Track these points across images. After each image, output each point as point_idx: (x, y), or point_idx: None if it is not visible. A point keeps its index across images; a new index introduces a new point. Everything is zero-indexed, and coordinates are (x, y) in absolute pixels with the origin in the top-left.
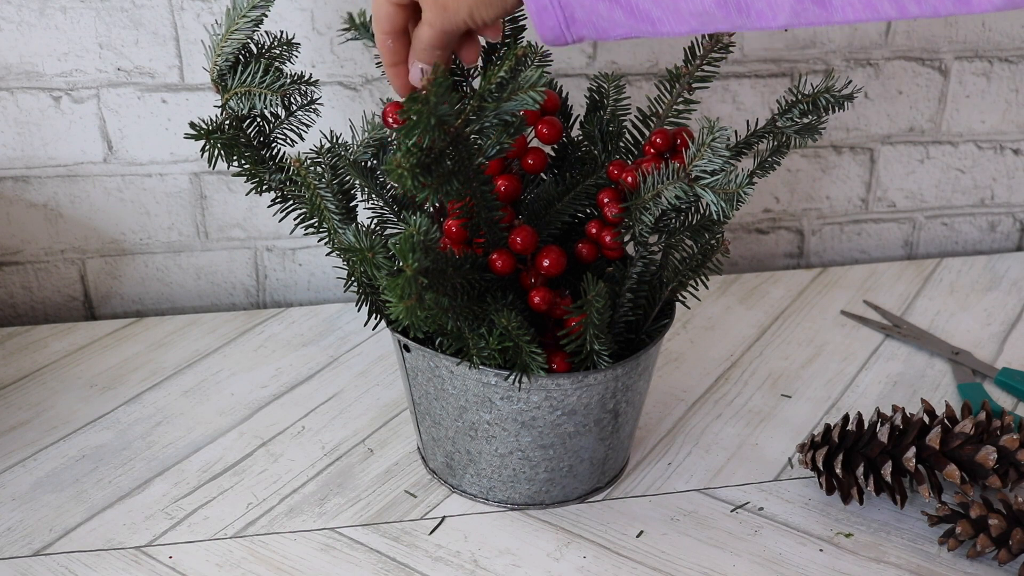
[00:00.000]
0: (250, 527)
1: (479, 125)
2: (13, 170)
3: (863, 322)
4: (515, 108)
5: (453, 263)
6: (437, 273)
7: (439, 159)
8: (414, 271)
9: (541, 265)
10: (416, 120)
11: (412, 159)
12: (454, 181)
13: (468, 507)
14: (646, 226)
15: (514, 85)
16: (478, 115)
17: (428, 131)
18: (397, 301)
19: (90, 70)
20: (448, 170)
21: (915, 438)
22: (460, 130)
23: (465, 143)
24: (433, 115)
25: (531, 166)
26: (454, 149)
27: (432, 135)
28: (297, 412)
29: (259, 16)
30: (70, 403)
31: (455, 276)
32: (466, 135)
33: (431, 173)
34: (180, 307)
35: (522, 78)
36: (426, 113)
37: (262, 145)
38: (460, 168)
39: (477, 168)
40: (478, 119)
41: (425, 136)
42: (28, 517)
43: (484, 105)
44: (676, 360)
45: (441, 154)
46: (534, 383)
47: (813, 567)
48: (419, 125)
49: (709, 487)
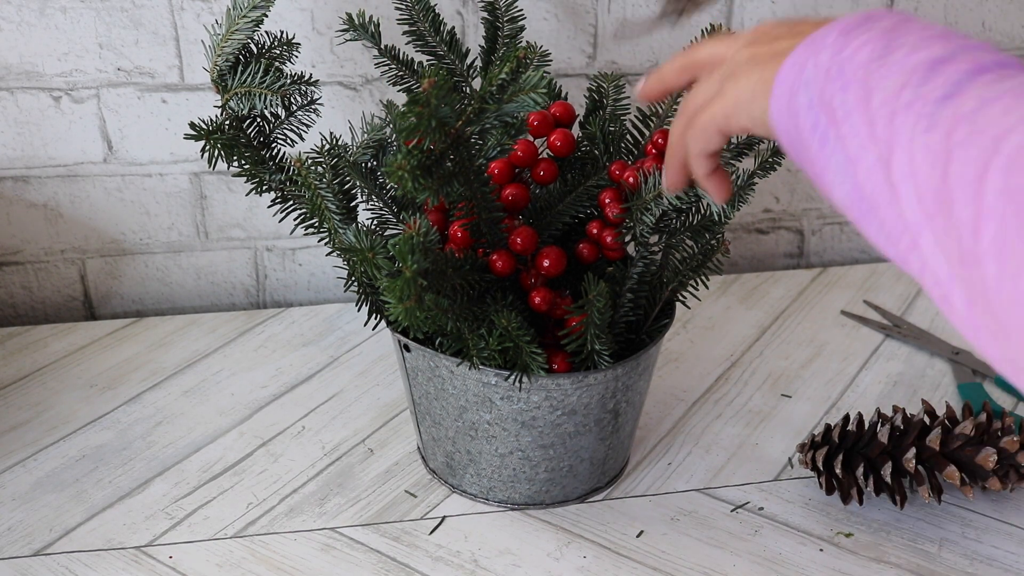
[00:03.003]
0: (250, 527)
1: (480, 126)
2: (13, 170)
3: (863, 322)
4: (516, 110)
5: (453, 264)
6: (436, 274)
7: (440, 160)
8: (413, 272)
9: (541, 265)
10: (417, 122)
11: (413, 161)
12: (455, 182)
13: (468, 507)
14: (647, 226)
15: (515, 87)
16: (478, 117)
17: (429, 133)
18: (396, 302)
19: (90, 70)
20: (449, 171)
21: (915, 439)
22: (461, 131)
23: (466, 144)
24: (434, 117)
25: (542, 178)
26: (455, 150)
27: (433, 137)
28: (297, 412)
29: (260, 16)
30: (70, 403)
31: (455, 277)
32: (467, 136)
33: (432, 175)
34: (180, 307)
35: (523, 80)
36: (427, 115)
37: (262, 145)
38: (461, 169)
39: (478, 169)
40: (478, 120)
41: (426, 138)
42: (28, 517)
43: (485, 107)
44: (676, 360)
45: (442, 155)
46: (534, 383)
47: (813, 567)
48: (420, 127)
49: (709, 487)
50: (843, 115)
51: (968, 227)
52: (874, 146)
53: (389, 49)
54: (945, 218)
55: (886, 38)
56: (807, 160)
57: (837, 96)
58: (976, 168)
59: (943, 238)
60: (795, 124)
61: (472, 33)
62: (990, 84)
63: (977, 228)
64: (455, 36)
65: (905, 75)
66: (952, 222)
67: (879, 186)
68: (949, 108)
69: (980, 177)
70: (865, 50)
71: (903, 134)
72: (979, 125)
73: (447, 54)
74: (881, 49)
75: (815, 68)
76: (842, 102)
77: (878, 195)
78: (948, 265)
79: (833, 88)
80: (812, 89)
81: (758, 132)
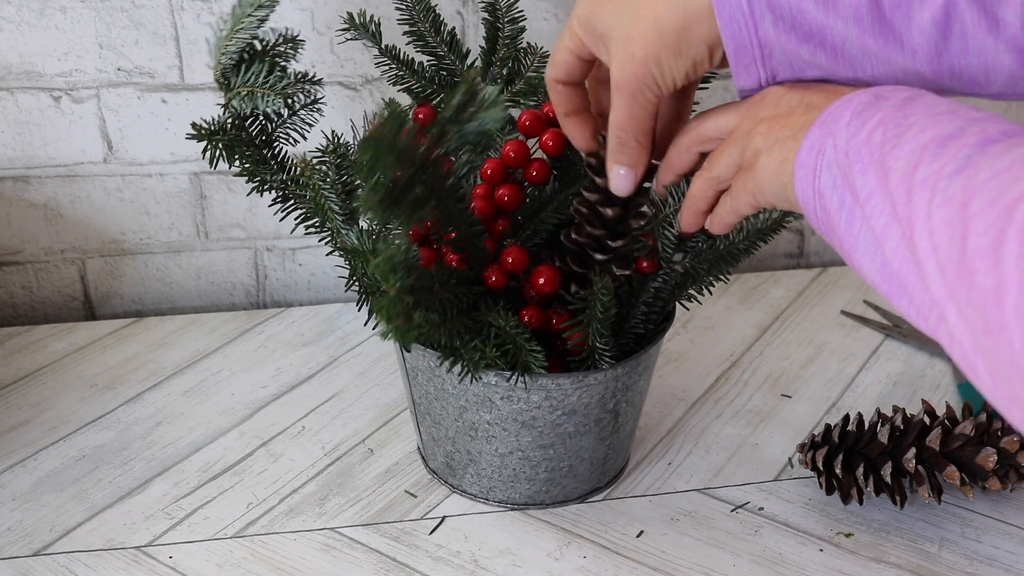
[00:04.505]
0: (250, 527)
1: (444, 149)
2: (13, 170)
3: (863, 322)
4: (477, 129)
5: (439, 279)
6: (423, 290)
7: (407, 188)
8: (397, 291)
9: (536, 283)
10: (375, 160)
11: (379, 194)
12: (426, 206)
13: (468, 507)
14: (669, 241)
15: (473, 106)
16: (439, 141)
17: (387, 169)
18: (386, 322)
19: (90, 70)
20: (419, 196)
21: (915, 439)
22: (424, 157)
23: (434, 166)
24: (390, 153)
25: (535, 178)
26: (423, 175)
27: (392, 170)
28: (297, 412)
29: (265, 15)
30: (70, 403)
31: (442, 292)
32: (432, 161)
33: (399, 204)
34: (180, 307)
35: (480, 98)
36: (383, 151)
37: (264, 145)
38: (433, 191)
39: (451, 189)
40: (441, 144)
41: (386, 174)
42: (28, 517)
43: (445, 131)
44: (676, 360)
45: (410, 182)
46: (534, 383)
47: (813, 567)
48: (378, 165)
49: (709, 487)
50: (866, 196)
51: (991, 295)
52: (897, 224)
53: (389, 49)
54: (967, 289)
55: (897, 117)
56: (836, 238)
57: (858, 179)
58: (992, 238)
59: (966, 309)
60: (822, 205)
61: (472, 33)
62: (999, 155)
63: (1000, 296)
64: (455, 36)
65: (917, 153)
66: (975, 292)
67: (906, 263)
68: (961, 181)
69: (997, 246)
70: (878, 132)
71: (921, 210)
72: (992, 195)
73: (447, 54)
74: (894, 129)
75: (834, 151)
76: (864, 183)
77: (906, 272)
78: (972, 336)
79: (854, 171)
80: (835, 170)
81: (784, 208)
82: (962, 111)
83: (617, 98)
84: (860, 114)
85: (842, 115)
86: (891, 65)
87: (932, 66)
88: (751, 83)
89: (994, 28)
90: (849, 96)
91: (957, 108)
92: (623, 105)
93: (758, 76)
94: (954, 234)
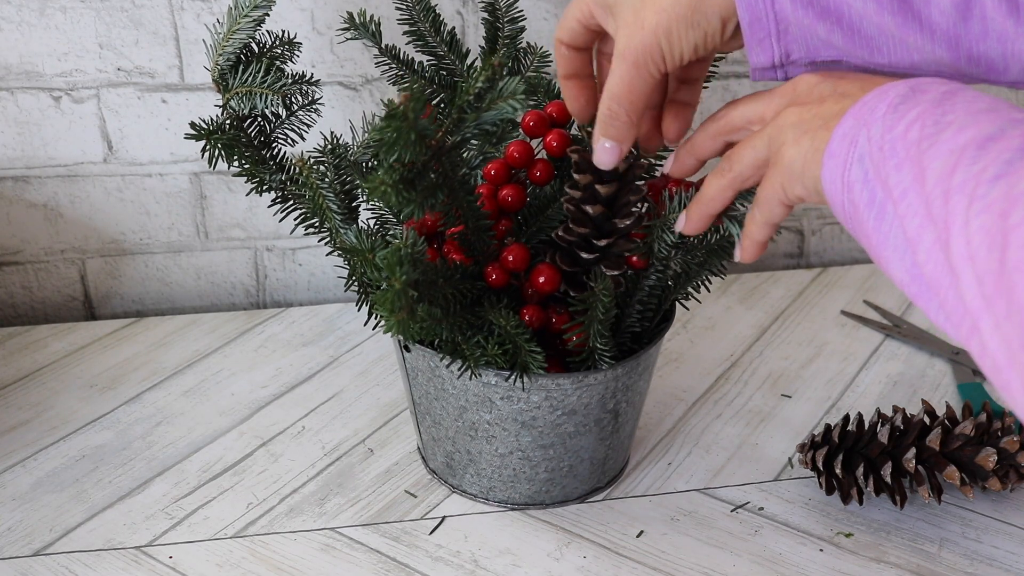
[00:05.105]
0: (250, 527)
1: (460, 136)
2: (13, 170)
3: (863, 322)
4: (495, 118)
5: (443, 274)
6: (427, 285)
7: (422, 173)
8: (403, 284)
9: (536, 282)
10: (396, 137)
11: (395, 175)
12: (438, 193)
13: (468, 507)
14: (666, 244)
15: (493, 95)
16: (458, 126)
17: (409, 147)
18: (388, 315)
19: (90, 70)
20: (432, 183)
21: (915, 439)
22: (441, 143)
23: (448, 155)
24: (413, 130)
25: (538, 178)
26: (437, 161)
27: (413, 150)
28: (297, 412)
29: (261, 16)
30: (70, 403)
31: (446, 287)
32: (448, 147)
33: (414, 188)
34: (180, 307)
35: (501, 87)
36: (406, 129)
37: (263, 145)
38: (444, 180)
39: (462, 179)
40: (458, 130)
41: (406, 152)
42: (28, 517)
43: (464, 116)
44: (676, 360)
45: (424, 167)
46: (534, 383)
47: (813, 567)
48: (399, 142)
49: (709, 487)
50: (900, 193)
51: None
52: (932, 227)
53: (389, 49)
54: (1007, 304)
55: (935, 114)
56: (863, 234)
57: (892, 175)
58: None
59: (1004, 324)
60: (850, 198)
61: (472, 33)
62: None
63: None
64: (455, 36)
65: (955, 155)
66: (1014, 308)
67: (940, 268)
68: (1001, 188)
69: None
70: (915, 128)
71: (958, 216)
72: None
73: (447, 54)
74: (932, 127)
75: (868, 143)
76: (898, 181)
77: (938, 277)
78: (1008, 351)
79: (888, 166)
80: (867, 164)
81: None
82: (1003, 110)
83: (619, 67)
84: (897, 107)
85: (878, 106)
86: (908, 48)
87: (951, 50)
88: (765, 60)
89: (1014, 12)
90: (886, 87)
91: (997, 106)
92: (624, 74)
93: (772, 53)
94: (993, 244)
